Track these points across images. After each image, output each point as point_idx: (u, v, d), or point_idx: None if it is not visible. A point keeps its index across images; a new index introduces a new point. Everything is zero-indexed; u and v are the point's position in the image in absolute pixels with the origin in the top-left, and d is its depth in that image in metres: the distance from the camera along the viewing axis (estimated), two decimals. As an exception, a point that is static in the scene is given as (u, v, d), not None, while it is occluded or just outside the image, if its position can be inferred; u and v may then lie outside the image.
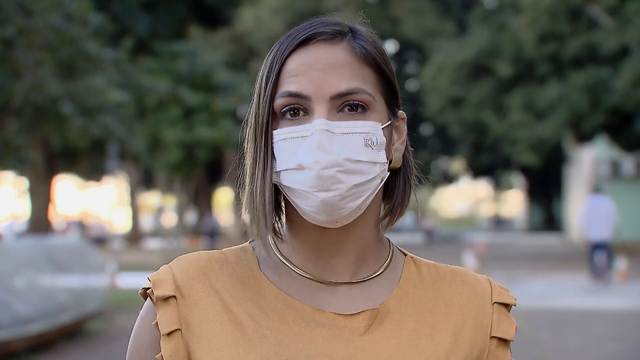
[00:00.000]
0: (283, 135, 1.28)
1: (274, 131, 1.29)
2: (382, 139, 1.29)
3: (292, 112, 1.28)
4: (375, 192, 1.30)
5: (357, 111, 1.28)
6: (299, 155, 1.26)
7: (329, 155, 1.24)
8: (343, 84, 1.27)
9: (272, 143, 1.29)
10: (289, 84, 1.28)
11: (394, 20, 37.33)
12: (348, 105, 1.28)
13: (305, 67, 1.28)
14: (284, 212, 1.35)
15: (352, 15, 1.39)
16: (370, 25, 1.37)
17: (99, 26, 15.69)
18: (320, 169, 1.24)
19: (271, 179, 1.29)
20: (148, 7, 35.15)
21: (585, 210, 17.51)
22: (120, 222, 55.95)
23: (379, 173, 1.29)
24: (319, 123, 1.25)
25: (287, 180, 1.28)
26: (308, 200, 1.26)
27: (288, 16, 34.05)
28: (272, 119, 1.30)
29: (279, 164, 1.29)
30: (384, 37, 37.72)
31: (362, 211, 1.29)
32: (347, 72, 1.28)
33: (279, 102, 1.29)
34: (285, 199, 1.32)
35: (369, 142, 1.27)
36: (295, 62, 1.29)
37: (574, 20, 25.97)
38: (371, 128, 1.28)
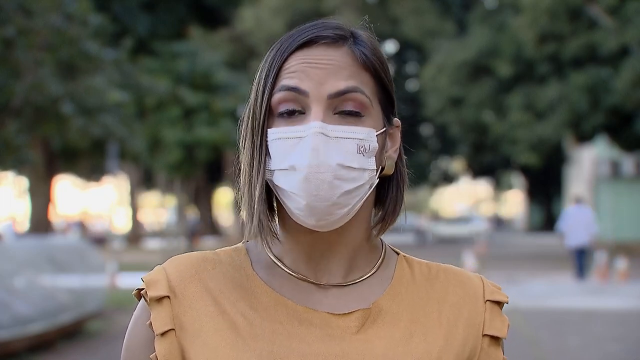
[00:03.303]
0: (278, 135, 1.28)
1: (268, 129, 1.29)
2: (375, 146, 1.29)
3: (288, 112, 1.28)
4: (364, 198, 1.30)
5: (352, 116, 1.28)
6: (292, 157, 1.26)
7: (322, 159, 1.24)
8: (341, 83, 1.27)
9: (266, 141, 1.29)
10: (287, 80, 1.28)
11: (394, 20, 37.33)
12: (344, 110, 1.28)
13: (304, 65, 1.28)
14: (277, 212, 1.35)
15: (353, 16, 1.40)
16: (372, 29, 1.37)
17: (99, 26, 15.70)
18: (312, 172, 1.24)
19: (263, 177, 1.29)
20: (148, 7, 35.15)
21: (567, 218, 19.02)
22: (120, 222, 55.96)
23: (368, 180, 1.29)
24: (315, 125, 1.25)
25: (279, 180, 1.28)
26: (297, 203, 1.26)
27: (288, 16, 34.06)
28: (268, 116, 1.30)
29: (273, 163, 1.29)
30: (384, 37, 37.71)
31: (351, 216, 1.29)
32: (346, 73, 1.28)
33: (276, 96, 1.29)
34: (277, 198, 1.32)
35: (362, 149, 1.27)
36: (295, 61, 1.29)
37: (574, 20, 25.98)
38: (366, 134, 1.28)
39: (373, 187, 1.31)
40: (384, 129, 1.33)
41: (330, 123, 1.26)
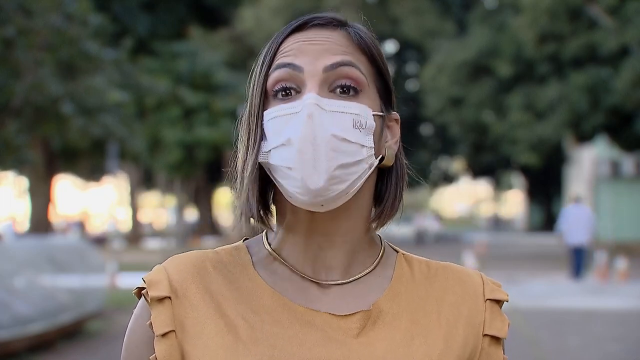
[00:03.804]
0: (274, 114, 1.27)
1: (264, 111, 1.29)
2: (372, 124, 1.29)
3: (284, 92, 1.28)
4: (363, 178, 1.28)
5: (348, 93, 1.28)
6: (286, 131, 1.25)
7: (317, 130, 1.23)
8: (337, 57, 1.28)
9: (262, 124, 1.29)
10: (282, 58, 1.29)
11: (394, 20, 37.33)
12: (340, 86, 1.28)
13: (299, 44, 1.29)
14: (275, 203, 1.34)
15: (352, 15, 1.40)
16: (369, 24, 1.37)
17: (99, 26, 15.70)
18: (307, 143, 1.23)
19: (257, 157, 1.28)
20: (148, 7, 35.15)
21: (566, 217, 19.10)
22: (120, 222, 55.94)
23: (366, 157, 1.28)
24: (309, 97, 1.24)
25: (274, 158, 1.27)
26: (293, 179, 1.25)
27: (288, 16, 34.04)
28: (264, 101, 1.30)
29: (269, 143, 1.28)
30: (384, 37, 37.74)
31: (349, 197, 1.28)
32: (342, 49, 1.29)
33: (272, 76, 1.29)
34: (275, 189, 1.32)
35: (358, 124, 1.26)
36: (291, 42, 1.30)
37: (574, 20, 25.98)
38: (361, 110, 1.27)
39: (372, 168, 1.30)
40: (382, 113, 1.33)
41: (325, 98, 1.26)
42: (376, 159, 1.31)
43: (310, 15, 1.32)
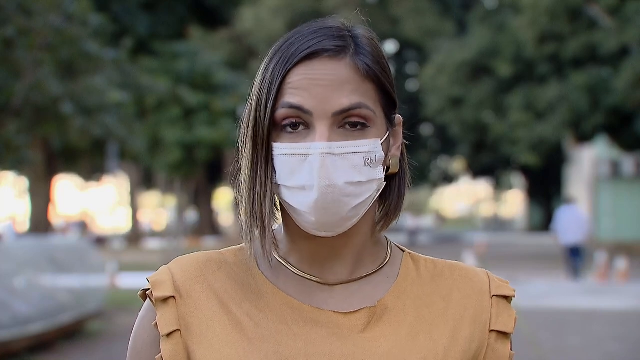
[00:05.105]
0: (284, 151, 1.28)
1: (274, 144, 1.29)
2: (381, 155, 1.30)
3: (292, 125, 1.28)
4: (371, 203, 1.31)
5: (357, 128, 1.28)
6: (300, 176, 1.27)
7: (331, 180, 1.25)
8: (345, 101, 1.27)
9: (272, 154, 1.30)
10: (291, 96, 1.28)
11: (394, 20, 37.33)
12: (349, 122, 1.28)
13: (307, 81, 1.28)
14: (281, 215, 1.35)
15: (352, 16, 1.39)
16: (370, 26, 1.36)
17: (99, 26, 15.69)
18: (321, 194, 1.25)
19: (272, 192, 1.30)
20: (148, 7, 35.15)
21: (559, 218, 19.41)
22: (120, 221, 55.98)
23: (376, 188, 1.30)
24: (321, 146, 1.25)
25: (287, 196, 1.29)
26: (306, 218, 1.27)
27: (288, 16, 34.06)
28: (272, 129, 1.30)
29: (279, 178, 1.29)
30: (384, 37, 37.71)
31: (358, 221, 1.30)
32: (349, 88, 1.28)
33: (280, 112, 1.28)
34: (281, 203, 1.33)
35: (368, 161, 1.28)
36: (298, 76, 1.28)
37: (574, 20, 25.98)
38: (371, 146, 1.28)
39: (381, 189, 1.32)
40: (387, 132, 1.33)
41: (336, 139, 1.27)
42: (383, 173, 1.32)
43: (316, 42, 1.29)
